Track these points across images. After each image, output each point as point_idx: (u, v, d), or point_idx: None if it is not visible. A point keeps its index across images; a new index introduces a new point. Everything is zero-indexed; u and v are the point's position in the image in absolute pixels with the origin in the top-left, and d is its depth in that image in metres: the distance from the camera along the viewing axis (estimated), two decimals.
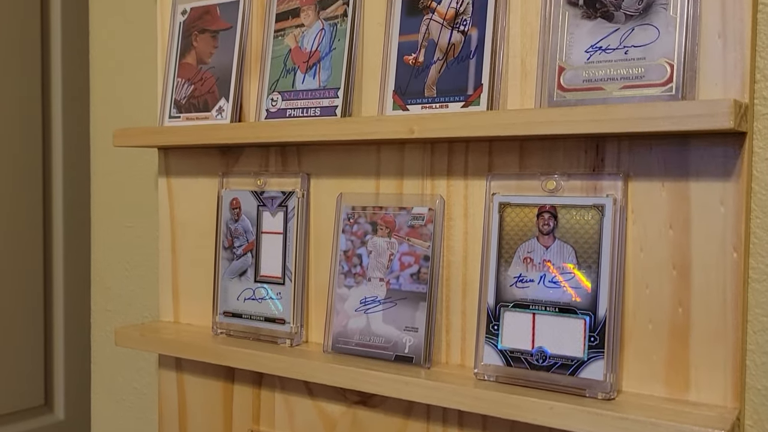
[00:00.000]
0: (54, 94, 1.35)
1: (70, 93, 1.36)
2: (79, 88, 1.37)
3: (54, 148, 1.36)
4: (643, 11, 0.77)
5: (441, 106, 0.89)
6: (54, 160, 1.35)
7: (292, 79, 1.03)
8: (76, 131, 1.37)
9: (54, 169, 1.36)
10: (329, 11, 1.00)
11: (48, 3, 1.33)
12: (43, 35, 1.33)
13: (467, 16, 0.89)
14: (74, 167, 1.37)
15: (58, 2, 1.32)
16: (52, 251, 1.36)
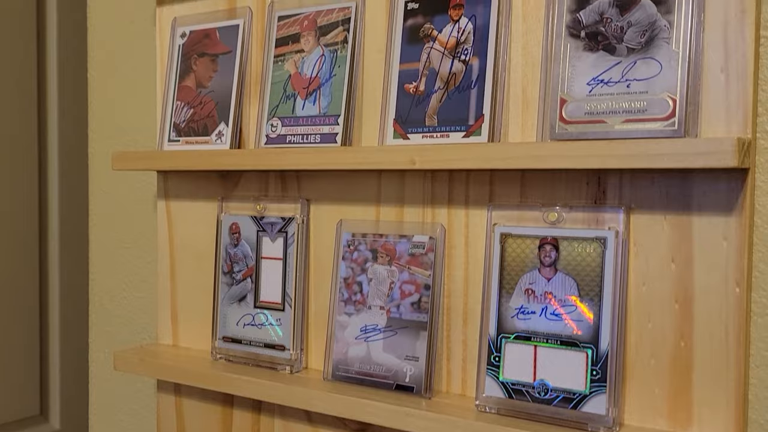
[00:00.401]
0: (50, 113, 1.34)
1: (68, 113, 1.36)
2: (77, 108, 1.37)
3: (50, 167, 1.35)
4: (645, 45, 0.77)
5: (442, 136, 0.88)
6: (50, 178, 1.35)
7: (292, 105, 1.02)
8: (74, 151, 1.37)
9: (50, 187, 1.35)
10: (329, 37, 1.00)
11: (44, 23, 1.33)
12: (40, 56, 1.32)
13: (468, 45, 0.88)
14: (72, 186, 1.37)
15: (55, 23, 1.32)
16: (48, 269, 1.35)
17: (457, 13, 0.90)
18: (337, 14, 1.00)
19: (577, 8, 0.81)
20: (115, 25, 1.33)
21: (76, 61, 1.36)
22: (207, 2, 1.14)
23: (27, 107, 1.30)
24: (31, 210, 1.32)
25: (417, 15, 0.93)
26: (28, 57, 1.30)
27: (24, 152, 1.30)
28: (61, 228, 1.35)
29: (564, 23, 0.81)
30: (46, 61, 1.33)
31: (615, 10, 0.79)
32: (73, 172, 1.36)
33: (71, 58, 1.35)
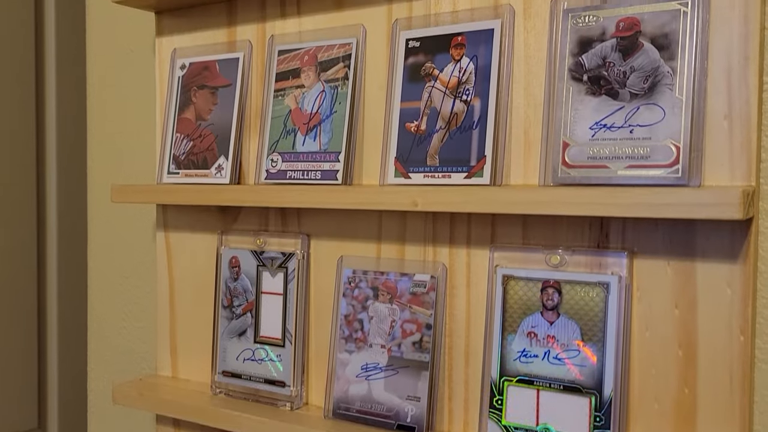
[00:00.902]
0: (49, 143, 1.34)
1: (67, 141, 1.35)
2: (76, 137, 1.36)
3: (49, 196, 1.34)
4: (648, 90, 0.76)
5: (443, 176, 0.88)
6: (49, 207, 1.34)
7: (292, 140, 1.02)
8: (73, 180, 1.36)
9: (49, 216, 1.34)
10: (330, 73, 1.00)
11: (43, 54, 1.32)
12: (38, 84, 1.32)
13: (470, 85, 0.88)
14: (71, 214, 1.36)
15: (53, 53, 1.31)
16: (46, 297, 1.34)
17: (458, 53, 0.89)
18: (337, 50, 1.00)
19: (579, 52, 0.81)
20: (114, 53, 1.32)
21: (74, 89, 1.35)
22: (207, 34, 1.14)
23: (25, 136, 1.30)
24: (30, 237, 1.31)
25: (418, 53, 0.92)
26: (26, 85, 1.30)
27: (22, 181, 1.30)
28: (60, 255, 1.34)
29: (566, 66, 0.81)
30: (44, 89, 1.32)
31: (617, 55, 0.78)
32: (72, 200, 1.36)
33: (70, 87, 1.35)
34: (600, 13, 0.80)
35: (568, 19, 0.82)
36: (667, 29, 0.76)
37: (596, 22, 0.80)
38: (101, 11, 1.34)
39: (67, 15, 1.34)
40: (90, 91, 1.36)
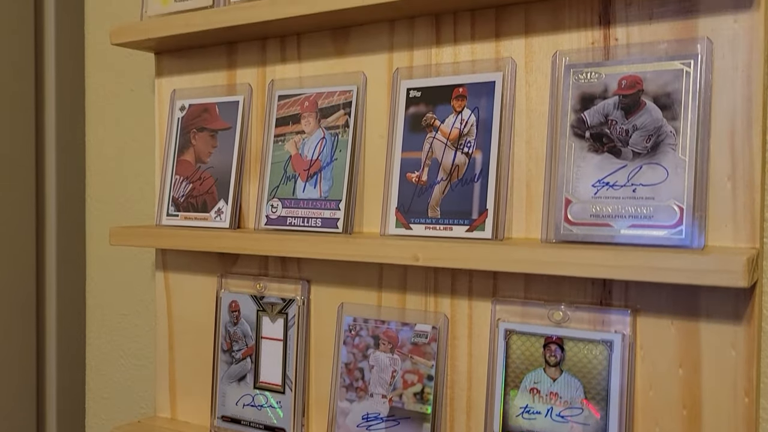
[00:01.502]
0: (48, 180, 1.33)
1: (66, 177, 1.35)
2: (74, 175, 1.36)
3: (48, 233, 1.33)
4: (651, 150, 0.76)
5: (445, 228, 0.88)
6: (48, 244, 1.33)
7: (292, 186, 1.01)
8: (71, 218, 1.36)
9: (48, 254, 1.34)
10: (330, 120, 0.99)
11: (43, 91, 1.32)
12: (38, 125, 1.31)
13: (471, 138, 0.88)
14: (69, 252, 1.35)
15: (53, 91, 1.31)
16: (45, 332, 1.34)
17: (459, 104, 0.89)
18: (338, 97, 0.99)
19: (581, 108, 0.80)
20: (114, 92, 1.32)
21: (74, 128, 1.35)
22: (207, 76, 1.13)
23: (24, 174, 1.29)
24: (29, 272, 1.30)
25: (419, 103, 0.92)
26: (26, 122, 1.29)
27: (21, 216, 1.29)
28: (59, 291, 1.34)
29: (568, 122, 0.81)
30: (44, 127, 1.32)
31: (620, 113, 0.78)
32: (71, 236, 1.35)
33: (69, 125, 1.34)
34: (602, 70, 0.80)
35: (570, 74, 0.81)
36: (669, 89, 0.76)
37: (598, 78, 0.80)
38: (101, 50, 1.34)
39: (66, 53, 1.33)
40: (89, 129, 1.36)
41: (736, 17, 0.73)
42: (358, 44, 0.98)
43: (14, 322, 1.29)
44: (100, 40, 1.34)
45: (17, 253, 1.29)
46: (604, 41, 0.81)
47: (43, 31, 1.32)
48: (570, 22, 0.83)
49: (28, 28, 1.29)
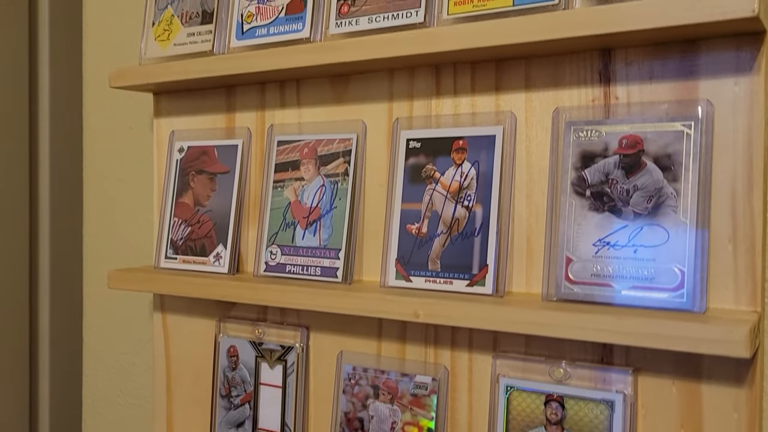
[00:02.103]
0: (42, 216, 1.33)
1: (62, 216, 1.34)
2: (71, 213, 1.35)
3: (42, 272, 1.33)
4: (652, 211, 0.76)
5: (445, 282, 0.87)
6: (41, 283, 1.33)
7: (291, 233, 1.01)
8: (68, 254, 1.35)
9: (42, 287, 1.33)
10: (330, 168, 0.99)
11: (37, 128, 1.31)
12: (32, 160, 1.30)
13: (471, 191, 0.87)
14: (66, 288, 1.35)
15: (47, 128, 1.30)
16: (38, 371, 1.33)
17: (459, 157, 0.89)
18: (337, 145, 0.99)
19: (582, 166, 0.80)
20: (112, 129, 1.32)
21: (70, 163, 1.34)
22: (205, 118, 1.13)
23: (19, 210, 1.29)
24: (22, 307, 1.30)
25: (419, 154, 0.92)
26: (20, 159, 1.29)
27: (16, 253, 1.29)
28: (53, 328, 1.33)
29: (569, 180, 0.81)
30: (38, 163, 1.31)
31: (620, 172, 0.78)
32: (68, 274, 1.35)
33: (65, 161, 1.34)
34: (602, 128, 0.80)
35: (571, 132, 0.81)
36: (670, 150, 0.75)
37: (598, 137, 0.80)
38: (99, 87, 1.33)
39: (63, 90, 1.33)
40: (86, 166, 1.35)
41: (737, 80, 0.73)
42: (358, 92, 0.98)
43: (8, 358, 1.28)
44: (98, 77, 1.33)
45: (12, 288, 1.28)
46: (605, 99, 0.81)
47: (38, 67, 1.32)
48: (570, 78, 0.83)
49: (23, 64, 1.29)
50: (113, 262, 1.31)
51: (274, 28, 1.01)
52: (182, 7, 1.11)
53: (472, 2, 0.85)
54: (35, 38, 1.31)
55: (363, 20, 0.93)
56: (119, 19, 1.31)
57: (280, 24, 1.00)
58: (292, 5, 1.00)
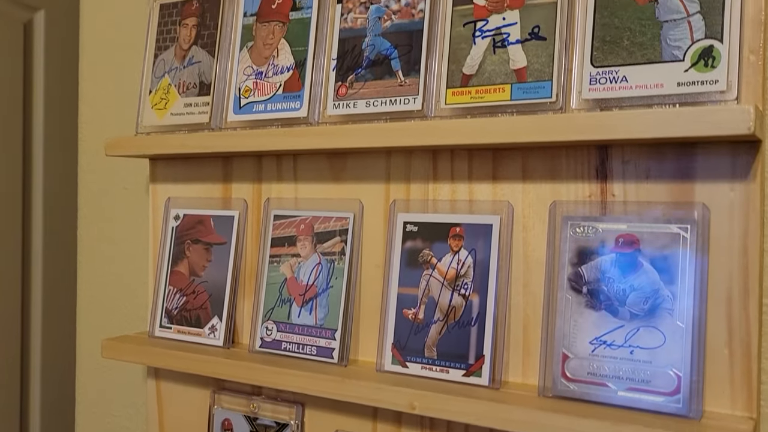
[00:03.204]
0: (35, 276, 1.32)
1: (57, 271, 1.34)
2: (66, 271, 1.35)
3: (34, 331, 1.32)
4: (648, 312, 0.76)
5: (441, 370, 0.87)
6: (34, 341, 1.32)
7: (287, 310, 1.01)
8: (62, 313, 1.34)
9: (33, 348, 1.32)
10: (326, 246, 0.99)
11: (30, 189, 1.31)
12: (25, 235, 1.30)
13: (468, 280, 0.87)
14: (59, 348, 1.34)
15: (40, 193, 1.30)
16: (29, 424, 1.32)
17: (456, 244, 0.89)
18: (334, 223, 0.99)
19: (578, 262, 0.80)
20: (107, 190, 1.31)
21: (64, 223, 1.34)
22: (201, 187, 1.13)
23: (11, 276, 1.28)
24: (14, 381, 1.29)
25: (416, 238, 0.92)
26: (14, 224, 1.28)
27: (9, 311, 1.28)
28: (45, 386, 1.32)
29: (566, 275, 0.81)
30: (31, 224, 1.31)
31: (617, 271, 0.78)
32: (61, 332, 1.34)
33: (60, 220, 1.33)
34: (599, 225, 0.80)
35: (568, 227, 0.82)
36: (666, 252, 0.76)
37: (595, 234, 0.80)
38: (94, 148, 1.33)
39: (58, 150, 1.33)
40: (81, 226, 1.35)
41: (733, 186, 0.74)
42: (355, 171, 0.98)
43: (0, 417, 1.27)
44: (93, 137, 1.33)
45: (7, 342, 1.27)
46: (601, 195, 0.81)
47: (32, 124, 1.31)
48: (567, 172, 0.83)
49: (17, 122, 1.29)
50: (107, 322, 1.30)
51: (272, 105, 1.01)
52: (179, 76, 1.11)
53: (470, 93, 0.85)
54: (29, 96, 1.31)
55: (360, 103, 0.93)
56: (115, 83, 1.31)
57: (277, 101, 1.01)
58: (289, 83, 1.00)
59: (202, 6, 1.11)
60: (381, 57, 0.93)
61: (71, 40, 1.35)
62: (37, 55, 1.31)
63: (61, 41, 1.34)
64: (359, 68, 0.94)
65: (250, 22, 1.05)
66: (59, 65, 1.34)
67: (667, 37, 0.74)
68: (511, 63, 0.83)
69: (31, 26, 1.31)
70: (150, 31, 1.16)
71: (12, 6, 1.28)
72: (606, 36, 0.77)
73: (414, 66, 0.90)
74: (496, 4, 0.85)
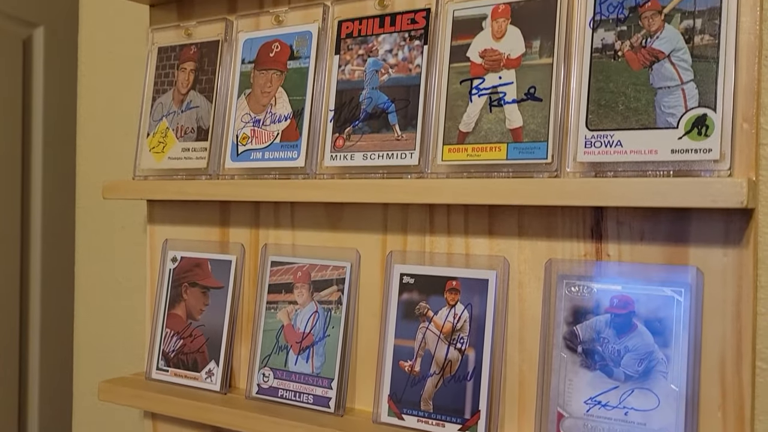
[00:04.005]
0: (33, 313, 1.32)
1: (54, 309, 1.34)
2: (63, 310, 1.35)
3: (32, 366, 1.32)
4: (643, 374, 0.77)
5: (437, 424, 0.88)
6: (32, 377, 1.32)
7: (284, 357, 1.01)
8: (59, 350, 1.34)
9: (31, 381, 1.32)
10: (323, 294, 1.00)
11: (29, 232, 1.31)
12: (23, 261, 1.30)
13: (464, 334, 0.88)
14: (57, 389, 1.34)
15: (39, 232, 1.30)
16: None
17: (453, 298, 0.90)
18: (331, 272, 1.00)
19: (573, 321, 0.81)
20: (104, 228, 1.32)
21: (62, 262, 1.34)
22: (199, 230, 1.14)
23: (10, 314, 1.28)
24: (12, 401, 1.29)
25: (412, 290, 0.93)
26: (12, 261, 1.28)
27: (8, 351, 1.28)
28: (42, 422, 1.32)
29: (561, 333, 0.82)
30: (29, 261, 1.31)
31: (612, 332, 0.79)
32: (59, 371, 1.34)
33: (57, 260, 1.34)
34: (594, 285, 0.81)
35: (563, 285, 0.82)
36: (661, 314, 0.77)
37: (590, 293, 0.81)
38: (91, 186, 1.33)
39: (55, 189, 1.33)
40: (78, 267, 1.35)
41: (726, 251, 0.74)
42: (353, 221, 0.99)
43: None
44: (90, 176, 1.34)
45: (1, 388, 1.28)
46: (597, 255, 0.82)
47: (31, 163, 1.32)
48: (563, 231, 0.84)
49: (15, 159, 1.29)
50: (105, 363, 1.31)
51: (269, 154, 1.02)
52: (177, 120, 1.12)
53: (467, 151, 0.86)
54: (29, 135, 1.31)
55: (358, 156, 0.94)
56: (113, 124, 1.31)
57: (275, 150, 1.01)
58: (287, 132, 1.01)
59: (200, 51, 1.11)
60: (378, 110, 0.93)
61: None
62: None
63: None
64: (356, 120, 0.95)
65: (248, 69, 1.06)
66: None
67: (662, 104, 0.75)
68: (507, 122, 0.84)
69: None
70: (148, 73, 1.16)
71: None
72: (601, 100, 0.78)
73: (411, 121, 0.91)
74: (492, 63, 0.86)
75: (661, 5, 0.76)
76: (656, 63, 0.76)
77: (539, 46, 0.83)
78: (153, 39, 1.17)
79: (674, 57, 0.75)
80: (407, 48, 0.93)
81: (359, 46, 0.97)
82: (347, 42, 0.98)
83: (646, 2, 0.77)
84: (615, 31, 0.79)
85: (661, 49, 0.76)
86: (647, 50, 0.76)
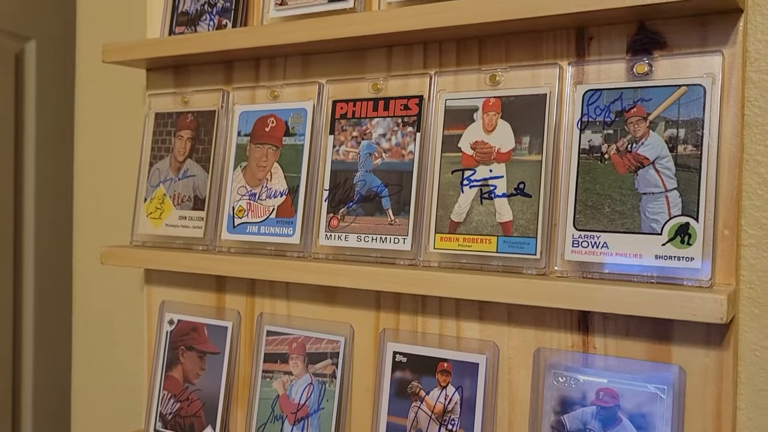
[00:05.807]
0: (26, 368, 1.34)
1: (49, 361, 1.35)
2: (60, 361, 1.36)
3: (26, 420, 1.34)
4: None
5: None
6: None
7: (279, 427, 1.04)
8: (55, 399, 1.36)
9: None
10: (318, 367, 1.02)
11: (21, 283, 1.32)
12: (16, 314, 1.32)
13: (455, 416, 0.91)
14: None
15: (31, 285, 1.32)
16: None
17: (444, 380, 0.92)
18: (325, 345, 1.02)
19: (561, 411, 0.84)
20: (101, 283, 1.33)
21: (59, 315, 1.36)
22: (196, 294, 1.16)
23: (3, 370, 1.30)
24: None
25: (405, 369, 0.95)
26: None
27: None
28: None
29: (549, 422, 0.84)
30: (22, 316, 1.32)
31: (598, 424, 0.82)
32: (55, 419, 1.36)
33: (53, 310, 1.35)
34: (580, 377, 0.83)
35: (551, 375, 0.85)
36: (644, 410, 0.79)
37: (576, 384, 0.83)
38: (88, 237, 1.35)
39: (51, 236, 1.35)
40: (76, 323, 1.37)
41: (707, 352, 0.77)
42: (347, 297, 1.01)
43: None
44: (88, 221, 1.35)
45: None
46: (583, 347, 0.84)
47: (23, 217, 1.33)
48: (550, 321, 0.86)
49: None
50: (103, 421, 1.33)
51: (265, 228, 1.04)
52: (174, 188, 1.14)
53: (458, 241, 0.88)
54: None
55: (352, 237, 0.96)
56: (110, 191, 1.33)
57: (270, 225, 1.03)
58: (282, 209, 1.03)
59: (197, 120, 1.13)
60: (372, 193, 0.96)
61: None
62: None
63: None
64: (350, 202, 0.97)
65: (244, 142, 1.08)
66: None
67: (646, 209, 0.77)
68: (497, 215, 0.86)
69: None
70: (145, 138, 1.18)
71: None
72: (588, 200, 0.81)
73: (404, 206, 0.93)
74: (483, 156, 0.88)
75: (647, 112, 0.79)
76: (641, 169, 0.78)
77: (529, 143, 0.85)
78: (150, 104, 1.18)
79: (658, 164, 0.78)
80: (400, 134, 0.95)
81: (353, 127, 0.99)
82: (341, 123, 1.00)
83: (632, 108, 0.80)
84: (602, 133, 0.81)
85: (646, 155, 0.78)
86: (633, 155, 0.79)
